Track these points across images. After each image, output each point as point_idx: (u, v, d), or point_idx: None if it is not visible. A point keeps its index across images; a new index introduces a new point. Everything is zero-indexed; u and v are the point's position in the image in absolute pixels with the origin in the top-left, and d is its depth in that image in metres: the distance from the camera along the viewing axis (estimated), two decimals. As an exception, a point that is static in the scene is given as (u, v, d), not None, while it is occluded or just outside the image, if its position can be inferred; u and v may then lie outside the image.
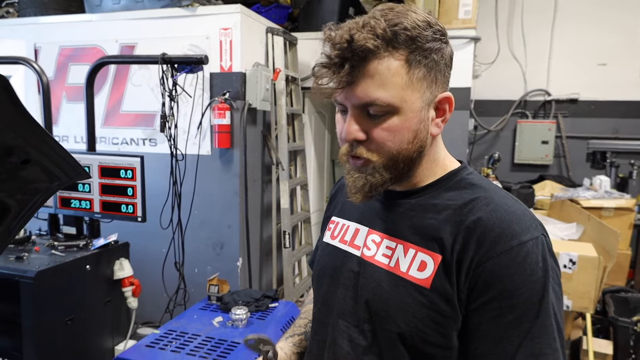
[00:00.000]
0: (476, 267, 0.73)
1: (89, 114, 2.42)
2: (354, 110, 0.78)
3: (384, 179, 0.81)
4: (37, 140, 0.75)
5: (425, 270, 0.78)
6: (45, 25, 3.64)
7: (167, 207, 2.71)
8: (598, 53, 4.74)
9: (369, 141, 0.79)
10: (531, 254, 0.73)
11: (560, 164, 4.95)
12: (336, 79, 0.75)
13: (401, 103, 0.76)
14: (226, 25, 3.14)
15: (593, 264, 2.51)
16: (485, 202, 0.79)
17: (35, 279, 1.99)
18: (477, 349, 0.75)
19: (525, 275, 0.72)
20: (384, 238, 0.86)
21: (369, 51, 0.73)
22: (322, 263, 0.98)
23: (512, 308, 0.72)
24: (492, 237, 0.74)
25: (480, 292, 0.73)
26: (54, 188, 0.89)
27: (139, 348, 1.86)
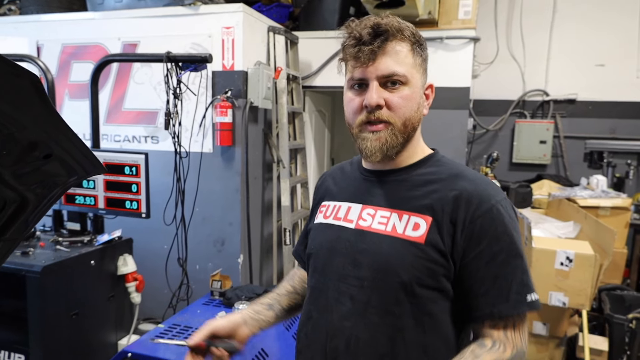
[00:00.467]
0: (469, 224, 0.94)
1: (94, 111, 2.45)
2: (376, 82, 0.97)
3: (397, 141, 0.99)
4: (59, 135, 0.77)
5: (419, 230, 0.96)
6: (47, 23, 3.66)
7: (170, 204, 2.75)
8: (596, 54, 4.77)
9: (388, 107, 0.97)
10: (502, 210, 0.96)
11: (557, 164, 4.99)
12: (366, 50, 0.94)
13: (411, 78, 0.98)
14: (228, 24, 3.17)
15: (589, 262, 2.55)
16: (462, 175, 1.00)
17: (41, 274, 2.02)
18: (479, 290, 0.94)
19: (503, 226, 0.95)
20: (378, 210, 1.03)
21: (390, 33, 0.95)
22: (318, 240, 1.11)
23: (500, 252, 0.94)
24: (477, 201, 0.95)
25: (475, 243, 0.94)
26: (71, 182, 0.92)
27: (144, 341, 1.89)
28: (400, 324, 0.96)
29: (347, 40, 0.98)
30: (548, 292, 2.63)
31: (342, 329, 1.00)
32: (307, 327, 1.09)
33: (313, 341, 1.06)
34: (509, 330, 0.94)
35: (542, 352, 3.04)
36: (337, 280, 1.03)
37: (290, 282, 1.29)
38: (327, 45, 3.93)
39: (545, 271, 2.62)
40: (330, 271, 1.05)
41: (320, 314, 1.05)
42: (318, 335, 1.05)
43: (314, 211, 1.21)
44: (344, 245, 1.04)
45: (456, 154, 3.89)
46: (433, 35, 3.79)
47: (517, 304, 0.93)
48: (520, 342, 0.95)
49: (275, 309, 1.20)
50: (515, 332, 0.94)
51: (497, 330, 0.94)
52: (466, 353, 0.93)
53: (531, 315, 3.01)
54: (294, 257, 1.33)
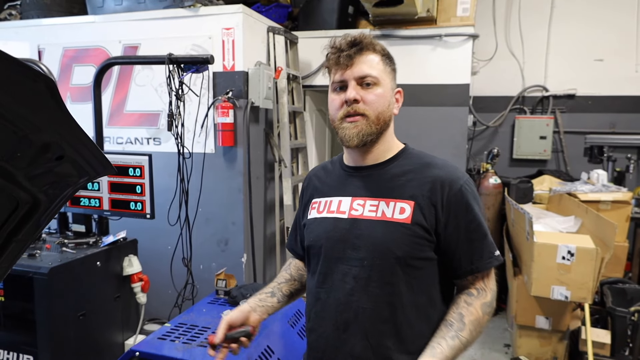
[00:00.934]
0: (447, 203, 1.16)
1: (97, 114, 2.47)
2: (354, 82, 1.18)
3: (372, 130, 1.19)
4: (72, 137, 0.79)
5: (404, 213, 1.16)
6: (48, 27, 3.68)
7: (174, 205, 2.77)
8: (595, 49, 4.78)
9: (363, 101, 1.18)
10: (468, 188, 1.19)
11: (558, 159, 5.00)
12: (344, 56, 1.17)
13: (382, 80, 1.20)
14: (228, 25, 3.18)
15: (591, 256, 2.57)
16: (433, 164, 1.22)
17: (48, 275, 2.05)
18: (460, 252, 1.17)
19: (470, 201, 1.18)
20: (367, 200, 1.22)
21: (364, 45, 1.19)
22: (317, 232, 1.28)
23: (471, 221, 1.17)
24: (449, 184, 1.17)
25: (453, 217, 1.16)
26: (82, 183, 0.93)
27: (151, 340, 1.91)
28: (397, 291, 1.16)
29: (330, 50, 1.21)
30: (550, 286, 2.65)
31: (349, 303, 1.19)
32: (317, 307, 1.26)
33: (324, 318, 1.24)
34: (485, 279, 1.20)
35: (545, 346, 3.06)
36: (340, 263, 1.21)
37: (288, 271, 1.47)
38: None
39: (547, 265, 2.64)
40: (332, 257, 1.22)
41: (328, 293, 1.23)
42: (328, 312, 1.23)
43: (306, 209, 1.37)
44: (341, 233, 1.21)
45: (456, 150, 3.91)
46: (432, 33, 3.80)
47: (488, 259, 1.18)
48: (492, 285, 1.21)
49: (277, 296, 1.38)
50: (489, 280, 1.20)
51: (477, 280, 1.19)
52: (460, 303, 1.16)
53: (534, 310, 3.03)
54: (288, 250, 1.52)
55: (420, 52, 3.86)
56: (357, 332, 1.17)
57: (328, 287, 1.23)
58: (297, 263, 1.47)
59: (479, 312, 1.15)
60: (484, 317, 1.16)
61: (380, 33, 3.92)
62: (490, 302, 1.18)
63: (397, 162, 1.25)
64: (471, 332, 1.13)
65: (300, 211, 1.42)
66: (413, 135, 3.88)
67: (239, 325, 1.27)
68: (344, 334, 1.19)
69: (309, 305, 1.31)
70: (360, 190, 1.24)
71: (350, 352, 1.19)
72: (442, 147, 3.87)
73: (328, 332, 1.22)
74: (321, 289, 1.25)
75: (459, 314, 1.14)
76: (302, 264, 1.46)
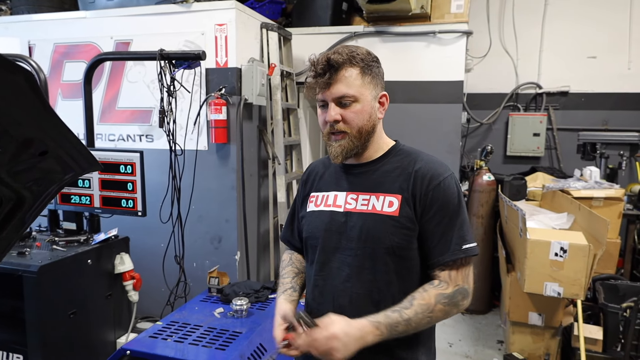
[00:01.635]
0: (424, 196, 1.24)
1: (88, 111, 2.44)
2: (333, 102, 1.24)
3: (354, 145, 1.27)
4: (55, 132, 0.77)
5: (393, 206, 1.25)
6: (39, 22, 3.64)
7: (166, 202, 2.74)
8: (588, 46, 4.79)
9: (344, 121, 1.25)
10: (450, 184, 1.26)
11: (551, 156, 5.02)
12: (321, 82, 1.23)
13: (360, 95, 1.25)
14: (221, 21, 3.16)
15: (583, 252, 2.57)
16: (419, 159, 1.29)
17: (38, 274, 2.02)
18: (432, 244, 1.24)
19: (449, 195, 1.24)
20: (359, 194, 1.31)
21: (339, 64, 1.22)
22: (314, 224, 1.36)
23: (446, 214, 1.23)
24: (429, 177, 1.25)
25: (428, 209, 1.23)
26: (67, 179, 0.92)
27: (143, 338, 1.89)
28: (387, 278, 1.26)
29: (309, 71, 1.27)
30: (543, 283, 2.65)
31: (345, 290, 1.29)
32: (315, 292, 1.36)
33: (321, 303, 1.33)
34: (452, 272, 1.24)
35: (537, 342, 3.07)
36: (336, 253, 1.30)
37: (292, 265, 1.53)
38: (321, 41, 3.94)
39: (540, 262, 2.65)
40: (328, 247, 1.32)
41: (325, 281, 1.33)
42: (325, 297, 1.33)
43: (304, 201, 1.45)
44: (337, 225, 1.31)
45: (450, 147, 3.91)
46: (425, 30, 3.80)
47: (455, 251, 1.23)
48: (461, 281, 1.24)
49: (297, 290, 1.46)
50: (457, 274, 1.24)
51: (443, 272, 1.24)
52: (419, 289, 1.23)
53: (527, 306, 3.04)
54: (283, 242, 1.61)
55: (414, 48, 3.86)
56: (351, 315, 1.22)
57: (325, 275, 1.33)
58: (297, 256, 1.55)
59: (432, 300, 1.19)
60: (437, 306, 1.19)
61: (373, 30, 3.91)
62: (450, 295, 1.21)
63: (387, 159, 1.33)
64: (417, 313, 1.17)
65: (299, 203, 1.49)
66: (407, 132, 3.88)
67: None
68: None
69: (307, 292, 1.41)
70: (354, 185, 1.33)
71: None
72: (436, 144, 3.87)
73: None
74: (319, 277, 1.35)
75: (411, 297, 1.21)
76: (302, 257, 1.53)
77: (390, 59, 3.84)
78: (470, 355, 3.37)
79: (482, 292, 4.09)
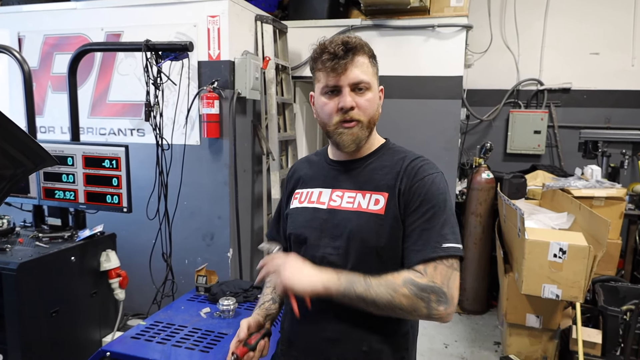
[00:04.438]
0: (407, 190, 1.19)
1: (72, 103, 2.37)
2: (348, 88, 1.19)
3: (365, 135, 1.23)
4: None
5: (379, 204, 1.21)
6: (29, 13, 3.56)
7: (154, 198, 2.67)
8: (591, 42, 4.71)
9: (358, 108, 1.20)
10: (436, 180, 1.21)
11: (552, 154, 4.94)
12: (341, 64, 1.16)
13: (372, 84, 1.22)
14: (214, 12, 3.08)
15: (583, 253, 2.50)
16: (407, 157, 1.26)
17: (17, 271, 1.96)
18: (411, 240, 1.17)
19: (431, 192, 1.18)
20: (345, 192, 1.27)
21: (357, 48, 1.19)
22: (297, 221, 1.32)
23: (427, 211, 1.17)
24: (413, 173, 1.21)
25: (412, 203, 1.18)
26: (19, 175, 0.85)
27: (124, 339, 1.83)
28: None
29: (321, 55, 1.19)
30: (541, 285, 2.58)
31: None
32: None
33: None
34: (429, 269, 1.13)
35: (535, 344, 3.01)
36: (317, 251, 1.25)
37: None
38: (318, 35, 3.77)
39: (539, 263, 2.58)
40: (311, 244, 1.27)
41: None
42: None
43: (289, 199, 1.41)
44: (319, 223, 1.26)
45: (449, 144, 3.83)
46: (424, 24, 3.71)
47: (434, 249, 1.14)
48: (439, 280, 1.11)
49: (277, 301, 1.43)
50: (435, 272, 1.13)
51: (419, 266, 1.15)
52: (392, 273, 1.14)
53: (524, 308, 2.97)
54: (268, 239, 1.54)
55: (413, 43, 3.77)
56: (332, 316, 1.22)
57: None
58: None
59: (399, 280, 1.10)
60: (402, 288, 1.08)
61: (371, 23, 3.82)
62: (421, 286, 1.08)
63: (376, 156, 1.29)
64: (379, 284, 1.10)
65: (284, 202, 1.46)
66: (404, 128, 3.81)
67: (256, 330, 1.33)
68: (319, 318, 1.24)
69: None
70: (341, 182, 1.29)
71: (325, 335, 1.24)
72: (434, 141, 3.79)
73: (302, 316, 1.24)
74: None
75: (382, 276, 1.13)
76: None
77: (388, 53, 3.76)
78: (467, 356, 3.30)
79: (479, 292, 4.03)
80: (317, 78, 1.24)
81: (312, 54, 1.23)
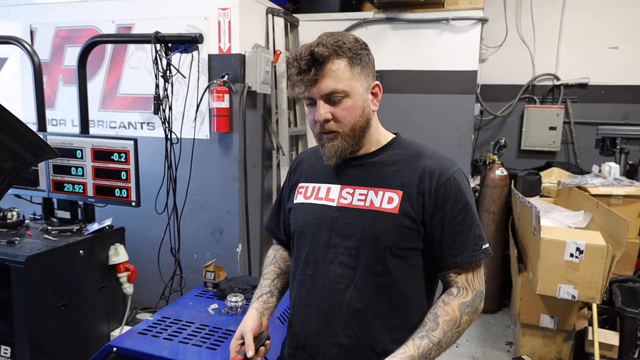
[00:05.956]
0: (434, 192, 1.14)
1: (82, 96, 2.35)
2: (321, 99, 1.13)
3: (348, 144, 1.17)
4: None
5: (392, 203, 1.15)
6: (40, 5, 3.55)
7: (163, 192, 2.65)
8: (609, 36, 4.57)
9: (335, 119, 1.14)
10: (458, 178, 1.17)
11: (567, 151, 4.84)
12: (306, 79, 1.11)
13: (351, 90, 1.13)
14: (225, 5, 3.04)
15: (601, 253, 2.43)
16: (424, 153, 1.20)
17: (25, 264, 1.95)
18: (446, 244, 1.15)
19: (460, 191, 1.16)
20: (356, 189, 1.20)
21: (325, 57, 1.10)
22: (304, 218, 1.27)
23: (459, 212, 1.15)
24: (438, 173, 1.16)
25: (440, 206, 1.14)
26: (19, 167, 0.82)
27: (131, 335, 1.81)
28: (384, 281, 1.16)
29: (292, 68, 1.14)
30: (557, 285, 2.52)
31: (335, 291, 1.18)
32: (301, 294, 1.26)
33: (308, 305, 1.24)
34: (469, 274, 1.16)
35: (549, 345, 2.94)
36: (326, 251, 1.20)
37: (276, 264, 1.44)
38: (329, 28, 3.74)
39: (554, 263, 2.51)
40: (318, 244, 1.21)
41: (313, 281, 1.22)
42: (312, 299, 1.22)
43: (291, 192, 1.35)
44: (329, 221, 1.20)
45: (462, 140, 3.76)
46: (438, 17, 3.64)
47: (474, 252, 1.15)
48: (478, 284, 1.17)
49: (275, 295, 1.38)
50: (474, 276, 1.17)
51: (459, 276, 1.16)
52: (438, 302, 1.15)
53: (538, 308, 2.91)
54: (267, 232, 1.52)
55: (426, 36, 3.70)
56: (341, 319, 1.18)
57: (312, 274, 1.23)
58: (282, 254, 1.47)
59: (456, 312, 1.12)
60: (463, 317, 1.13)
61: (384, 16, 3.75)
62: (471, 302, 1.15)
63: (387, 151, 1.23)
64: (444, 332, 1.10)
65: (286, 194, 1.40)
66: (417, 124, 3.74)
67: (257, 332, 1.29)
68: (328, 322, 1.19)
69: (293, 292, 1.32)
70: (350, 178, 1.22)
71: (334, 340, 1.19)
72: (447, 137, 3.72)
73: (312, 319, 1.23)
74: (306, 276, 1.25)
75: (434, 314, 1.13)
76: (287, 254, 1.45)
77: (401, 47, 3.69)
78: (478, 356, 3.25)
79: (491, 291, 3.96)
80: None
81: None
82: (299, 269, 1.28)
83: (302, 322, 1.25)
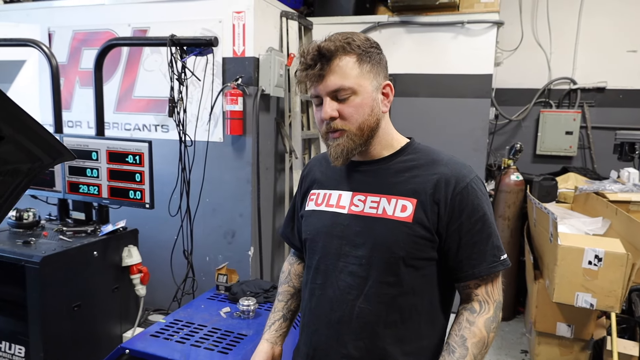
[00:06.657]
0: (450, 201, 1.10)
1: (98, 98, 2.37)
2: (328, 96, 1.09)
3: (355, 144, 1.12)
4: (9, 116, 0.67)
5: (406, 211, 1.11)
6: (58, 9, 3.61)
7: (176, 194, 2.66)
8: (627, 39, 4.49)
9: (342, 117, 1.10)
10: (475, 186, 1.12)
11: (584, 156, 4.75)
12: (311, 75, 1.08)
13: (358, 87, 1.09)
14: (239, 8, 3.05)
15: (621, 261, 2.37)
16: (439, 161, 1.15)
17: (40, 264, 1.96)
18: (463, 255, 1.11)
19: (477, 200, 1.11)
20: (368, 196, 1.16)
21: (331, 52, 1.07)
22: (315, 225, 1.23)
23: (477, 221, 1.10)
24: (454, 181, 1.11)
25: (456, 216, 1.10)
26: (36, 169, 0.82)
27: (144, 337, 1.81)
28: (395, 292, 1.12)
29: (300, 64, 1.12)
30: (574, 293, 2.46)
31: (344, 301, 1.15)
32: (311, 303, 1.23)
33: (318, 315, 1.21)
34: (489, 286, 1.13)
35: (565, 354, 2.88)
36: (337, 260, 1.17)
37: (289, 283, 1.43)
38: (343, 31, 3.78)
39: (572, 270, 2.46)
40: (329, 253, 1.18)
41: (323, 290, 1.19)
42: (322, 308, 1.19)
43: (304, 199, 1.32)
44: (340, 229, 1.17)
45: (477, 145, 3.72)
46: (453, 20, 3.61)
47: (492, 264, 1.11)
48: (497, 295, 1.14)
49: (288, 318, 1.39)
50: (493, 288, 1.14)
51: (479, 289, 1.13)
52: (463, 323, 1.11)
53: (555, 316, 2.85)
54: (282, 238, 1.48)
55: (441, 40, 3.67)
56: (351, 331, 1.15)
57: (322, 284, 1.20)
58: (296, 269, 1.44)
59: (483, 332, 1.10)
60: (490, 335, 1.11)
61: (398, 19, 3.74)
62: (495, 317, 1.13)
63: (401, 157, 1.18)
64: (475, 356, 1.08)
65: (298, 201, 1.37)
66: (431, 128, 3.71)
67: None
68: (337, 333, 1.17)
69: (303, 301, 1.30)
70: (362, 185, 1.18)
71: (344, 352, 1.16)
72: (462, 141, 3.69)
73: (321, 330, 1.20)
74: (316, 285, 1.22)
75: (462, 337, 1.09)
76: (301, 269, 1.42)
77: (415, 50, 3.67)
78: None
79: (506, 298, 3.83)
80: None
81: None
82: (309, 277, 1.25)
83: (312, 333, 1.23)
